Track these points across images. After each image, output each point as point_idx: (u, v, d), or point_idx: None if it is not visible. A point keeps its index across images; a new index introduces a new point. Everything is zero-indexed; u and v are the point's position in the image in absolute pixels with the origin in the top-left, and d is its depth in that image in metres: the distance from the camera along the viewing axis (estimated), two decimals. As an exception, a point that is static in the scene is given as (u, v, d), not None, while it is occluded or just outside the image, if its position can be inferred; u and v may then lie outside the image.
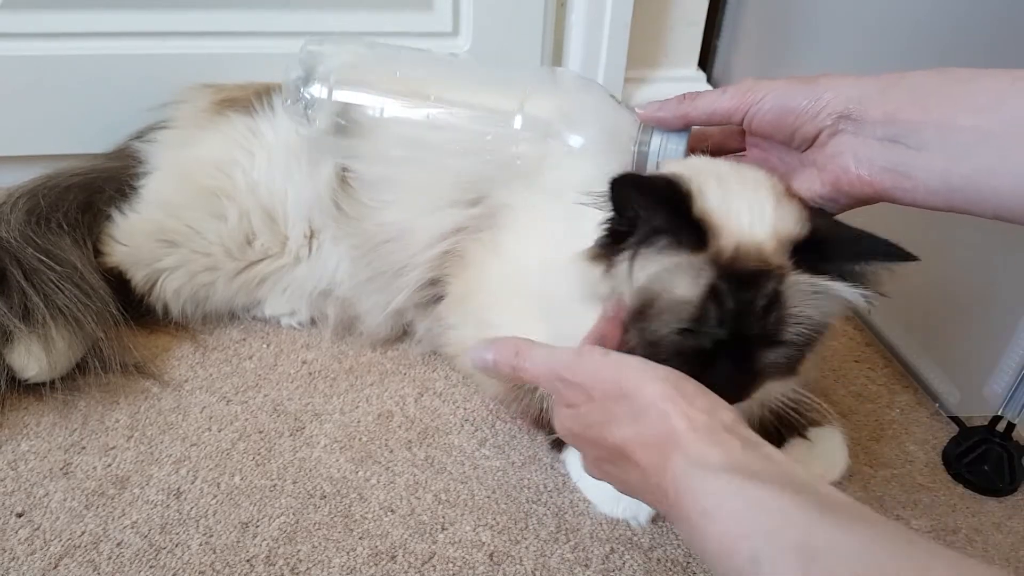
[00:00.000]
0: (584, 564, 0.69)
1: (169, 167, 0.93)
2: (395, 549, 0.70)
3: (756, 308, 0.56)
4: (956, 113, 0.51)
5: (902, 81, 0.54)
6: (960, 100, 0.51)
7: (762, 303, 0.56)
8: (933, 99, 0.52)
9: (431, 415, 0.84)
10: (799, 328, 0.57)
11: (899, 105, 0.53)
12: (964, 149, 0.51)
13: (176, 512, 0.72)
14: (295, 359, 0.91)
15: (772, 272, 0.56)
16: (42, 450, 0.77)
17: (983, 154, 0.50)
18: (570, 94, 0.72)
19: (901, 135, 0.53)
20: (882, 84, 0.55)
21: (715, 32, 1.35)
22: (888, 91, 0.54)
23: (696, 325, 0.57)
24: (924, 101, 0.52)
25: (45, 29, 1.06)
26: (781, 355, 0.59)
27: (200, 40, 1.10)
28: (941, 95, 0.52)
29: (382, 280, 0.87)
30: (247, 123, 0.92)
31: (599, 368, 0.54)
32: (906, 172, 0.54)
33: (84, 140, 1.06)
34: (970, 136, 0.50)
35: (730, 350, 0.57)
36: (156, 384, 0.86)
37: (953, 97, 0.51)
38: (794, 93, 0.58)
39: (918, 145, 0.53)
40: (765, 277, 0.56)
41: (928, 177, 0.53)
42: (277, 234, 0.91)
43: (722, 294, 0.56)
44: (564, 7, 1.20)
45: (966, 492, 0.80)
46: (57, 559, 0.67)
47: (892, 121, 0.54)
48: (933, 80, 0.53)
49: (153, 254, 0.90)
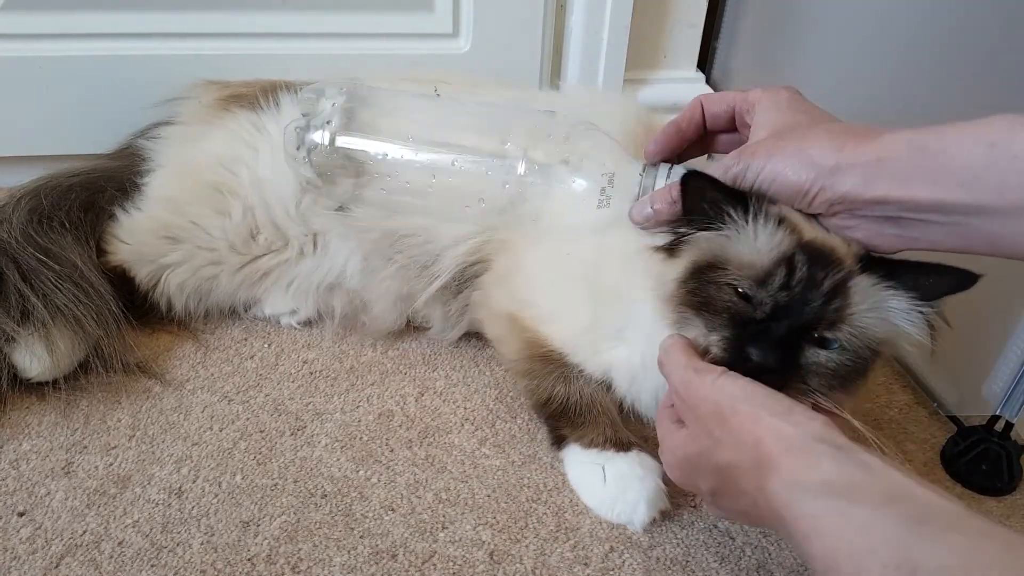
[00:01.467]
0: (584, 563, 0.70)
1: (174, 164, 0.94)
2: (396, 548, 0.70)
3: (822, 288, 0.58)
4: (944, 191, 0.52)
5: (881, 167, 0.54)
6: (941, 177, 0.52)
7: (829, 285, 0.58)
8: (916, 179, 0.53)
9: (431, 414, 0.85)
10: (854, 332, 0.59)
11: (887, 190, 0.54)
12: (960, 219, 0.53)
13: (177, 511, 0.72)
14: (296, 359, 0.92)
15: (844, 265, 0.59)
16: (44, 449, 0.78)
17: (978, 223, 0.52)
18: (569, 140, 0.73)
19: (899, 212, 0.55)
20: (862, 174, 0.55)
21: (714, 33, 1.35)
22: (871, 181, 0.55)
23: (759, 288, 0.59)
24: (908, 182, 0.53)
25: (46, 30, 1.06)
26: (828, 359, 0.60)
27: (201, 41, 1.11)
28: (922, 173, 0.53)
29: (407, 273, 0.87)
30: (252, 119, 0.92)
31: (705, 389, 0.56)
32: (914, 237, 0.57)
33: (85, 141, 1.06)
34: (962, 209, 0.52)
35: (781, 332, 0.58)
36: (158, 383, 0.86)
37: (933, 175, 0.52)
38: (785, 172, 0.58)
39: (917, 218, 0.55)
40: (838, 265, 0.58)
41: (935, 239, 0.56)
42: (280, 229, 0.91)
43: (795, 263, 0.58)
44: (564, 9, 1.21)
45: (964, 491, 0.80)
46: (59, 558, 0.67)
47: (885, 202, 0.55)
48: (909, 158, 0.53)
49: (157, 250, 0.90)
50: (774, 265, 0.59)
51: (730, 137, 0.70)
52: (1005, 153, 0.49)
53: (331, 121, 0.76)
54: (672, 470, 0.60)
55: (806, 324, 0.59)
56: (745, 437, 0.51)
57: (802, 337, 0.59)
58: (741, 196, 0.60)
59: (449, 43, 1.17)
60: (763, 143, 0.61)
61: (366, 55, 1.15)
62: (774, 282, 0.59)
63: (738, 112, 0.67)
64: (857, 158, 0.55)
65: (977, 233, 0.52)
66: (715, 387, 0.55)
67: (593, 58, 1.23)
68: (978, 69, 0.82)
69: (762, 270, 0.60)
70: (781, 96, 0.64)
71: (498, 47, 1.17)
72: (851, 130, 0.57)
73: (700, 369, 0.57)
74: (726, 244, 0.62)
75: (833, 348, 0.59)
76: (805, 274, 0.58)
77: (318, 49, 1.14)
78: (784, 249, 0.59)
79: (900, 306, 0.59)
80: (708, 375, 0.56)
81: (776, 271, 0.59)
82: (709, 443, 0.54)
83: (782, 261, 0.59)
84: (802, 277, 0.58)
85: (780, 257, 0.59)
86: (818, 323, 0.59)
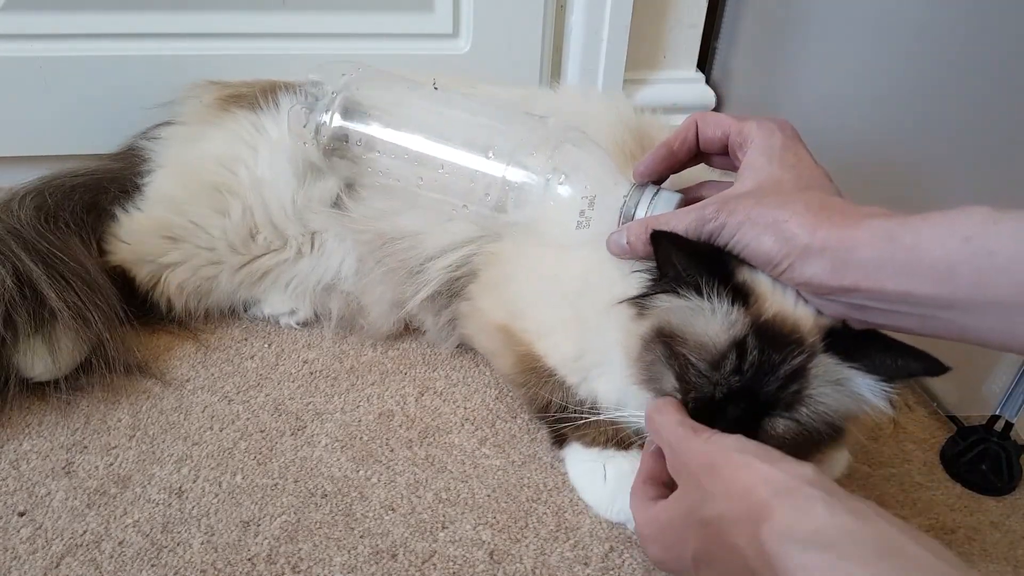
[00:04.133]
0: (584, 562, 0.70)
1: (174, 164, 0.94)
2: (396, 547, 0.70)
3: (778, 373, 0.58)
4: (914, 285, 0.51)
5: (850, 255, 0.53)
6: (912, 271, 0.51)
7: (786, 370, 0.58)
8: (885, 271, 0.52)
9: (432, 414, 0.85)
10: (814, 411, 0.59)
11: (855, 280, 0.53)
12: (930, 311, 0.52)
13: (178, 511, 0.72)
14: (296, 359, 0.92)
15: (804, 346, 0.58)
16: (44, 449, 0.78)
17: (950, 315, 0.51)
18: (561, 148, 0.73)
19: (866, 301, 0.54)
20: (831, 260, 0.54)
21: (714, 34, 1.35)
22: (840, 269, 0.54)
23: (712, 371, 0.59)
24: (877, 273, 0.52)
25: (46, 30, 1.06)
26: (789, 430, 0.59)
27: (201, 41, 1.11)
28: (893, 266, 0.51)
29: (395, 277, 0.87)
30: (252, 119, 0.92)
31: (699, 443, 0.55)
32: (881, 324, 0.56)
33: (86, 141, 1.06)
34: (932, 303, 0.51)
35: (739, 409, 0.58)
36: (158, 383, 0.86)
37: (904, 268, 0.51)
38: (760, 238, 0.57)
39: (885, 308, 0.54)
40: (796, 348, 0.58)
41: (903, 325, 0.55)
42: (279, 229, 0.91)
43: (747, 348, 0.58)
44: (564, 9, 1.21)
45: (964, 491, 0.80)
46: (59, 558, 0.68)
47: (853, 290, 0.54)
48: (881, 249, 0.52)
49: (157, 250, 0.90)
50: (728, 348, 0.59)
51: (723, 160, 0.69)
52: (980, 249, 0.48)
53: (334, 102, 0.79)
54: (652, 544, 0.58)
55: (763, 405, 0.59)
56: (736, 486, 0.50)
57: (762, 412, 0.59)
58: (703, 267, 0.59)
59: (449, 43, 1.17)
60: (744, 199, 0.59)
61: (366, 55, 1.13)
62: (726, 366, 0.58)
63: (731, 144, 0.65)
64: (828, 242, 0.54)
65: (948, 324, 0.52)
66: (709, 443, 0.55)
67: (593, 58, 1.23)
68: (979, 68, 0.82)
69: (716, 352, 0.59)
70: (775, 141, 0.62)
71: (498, 47, 1.17)
72: (830, 206, 0.56)
73: (695, 428, 0.57)
74: (686, 316, 0.61)
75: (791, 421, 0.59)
76: (756, 359, 0.58)
77: (318, 49, 1.14)
78: (736, 332, 0.59)
79: (864, 382, 0.58)
80: (703, 433, 0.56)
81: (729, 354, 0.58)
82: (697, 497, 0.53)
83: (733, 345, 0.58)
84: (753, 362, 0.58)
85: (731, 341, 0.59)
86: (775, 405, 0.59)
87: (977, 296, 0.49)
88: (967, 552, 0.74)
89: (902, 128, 0.94)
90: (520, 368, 0.79)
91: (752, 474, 0.50)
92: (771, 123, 0.63)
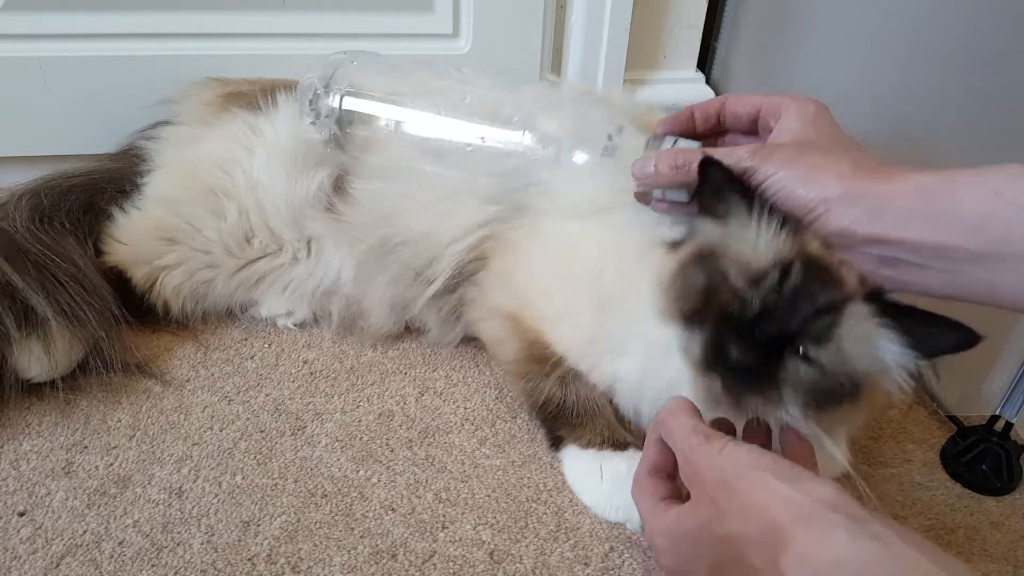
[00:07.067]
0: (584, 562, 0.70)
1: (172, 164, 0.94)
2: (396, 547, 0.70)
3: (814, 301, 0.57)
4: (945, 236, 0.52)
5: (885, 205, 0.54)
6: (945, 222, 0.52)
7: (822, 301, 0.57)
8: (918, 222, 0.53)
9: (432, 414, 0.85)
10: (838, 357, 0.58)
11: (887, 229, 0.54)
12: (959, 266, 0.52)
13: (178, 511, 0.72)
14: (296, 359, 0.92)
15: (845, 288, 0.58)
16: (44, 449, 0.78)
17: (978, 271, 0.52)
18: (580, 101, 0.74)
19: (897, 253, 0.55)
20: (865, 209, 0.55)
21: (714, 34, 1.35)
22: (873, 218, 0.54)
23: (750, 285, 0.59)
24: (910, 224, 0.53)
25: (46, 30, 1.06)
26: (806, 373, 0.58)
27: (201, 41, 1.11)
28: (926, 216, 0.52)
29: (401, 280, 0.87)
30: (249, 120, 0.92)
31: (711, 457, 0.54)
32: (908, 281, 0.56)
33: (86, 141, 1.06)
34: (963, 256, 0.52)
35: (764, 334, 0.58)
36: (158, 384, 0.86)
37: (937, 218, 0.52)
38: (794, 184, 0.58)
39: (914, 262, 0.54)
40: (837, 285, 0.58)
41: (930, 285, 0.55)
42: (274, 233, 0.91)
43: (792, 271, 0.58)
44: (564, 9, 1.21)
45: (964, 491, 0.80)
46: (59, 558, 0.68)
47: (885, 241, 0.55)
48: (914, 199, 0.53)
49: (153, 251, 0.90)
50: (770, 266, 0.59)
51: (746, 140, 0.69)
52: (1010, 202, 0.49)
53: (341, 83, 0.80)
54: (665, 555, 0.56)
55: (791, 333, 0.58)
56: (751, 506, 0.49)
57: (785, 348, 0.58)
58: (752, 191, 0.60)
59: (449, 43, 1.17)
60: (781, 148, 0.60)
61: (366, 55, 1.15)
62: (766, 282, 0.58)
63: (763, 116, 0.66)
64: (864, 192, 0.55)
65: (976, 282, 0.52)
66: (722, 456, 0.53)
67: (593, 58, 1.23)
68: (979, 68, 0.82)
69: (758, 268, 0.59)
70: (809, 108, 0.63)
71: (498, 47, 1.17)
72: (866, 163, 0.56)
73: (708, 435, 0.55)
74: (733, 234, 0.61)
75: (813, 364, 0.58)
76: (798, 281, 0.57)
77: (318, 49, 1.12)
78: (782, 254, 0.59)
79: (891, 347, 0.58)
80: (716, 442, 0.54)
81: (770, 272, 0.58)
82: (712, 513, 0.52)
83: (778, 264, 0.58)
84: (795, 284, 0.58)
85: (776, 260, 0.59)
86: (804, 335, 0.58)
87: (1006, 250, 0.50)
88: (967, 552, 0.74)
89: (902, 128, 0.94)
90: (524, 356, 0.79)
91: (768, 494, 0.48)
92: (804, 97, 0.65)
